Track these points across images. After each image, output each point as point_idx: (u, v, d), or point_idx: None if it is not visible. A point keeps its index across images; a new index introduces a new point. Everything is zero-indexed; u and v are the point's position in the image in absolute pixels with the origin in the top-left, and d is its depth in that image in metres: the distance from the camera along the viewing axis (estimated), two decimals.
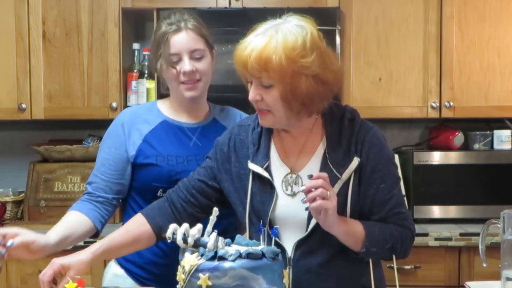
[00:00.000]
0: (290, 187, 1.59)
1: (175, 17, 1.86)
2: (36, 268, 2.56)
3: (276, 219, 1.59)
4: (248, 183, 1.61)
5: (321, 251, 1.56)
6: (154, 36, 1.89)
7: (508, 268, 1.60)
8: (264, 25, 1.54)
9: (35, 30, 2.93)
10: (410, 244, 1.61)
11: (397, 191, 1.59)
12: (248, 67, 1.49)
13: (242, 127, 1.70)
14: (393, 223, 1.58)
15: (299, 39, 1.48)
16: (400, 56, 2.95)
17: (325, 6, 2.88)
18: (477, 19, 2.93)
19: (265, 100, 1.51)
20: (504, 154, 2.95)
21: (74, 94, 2.95)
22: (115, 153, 1.87)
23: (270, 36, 1.48)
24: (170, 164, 1.85)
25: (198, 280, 1.37)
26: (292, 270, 1.57)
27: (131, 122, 1.89)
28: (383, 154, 1.58)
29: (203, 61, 1.86)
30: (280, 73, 1.47)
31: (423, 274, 2.68)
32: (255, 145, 1.63)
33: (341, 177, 1.54)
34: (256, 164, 1.60)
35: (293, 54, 1.46)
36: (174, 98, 1.93)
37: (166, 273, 1.79)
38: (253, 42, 1.49)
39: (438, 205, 2.91)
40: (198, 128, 1.92)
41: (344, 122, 1.59)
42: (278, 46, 1.46)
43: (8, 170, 3.27)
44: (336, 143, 1.57)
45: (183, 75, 1.83)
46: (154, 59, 1.89)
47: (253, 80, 1.52)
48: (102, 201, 1.84)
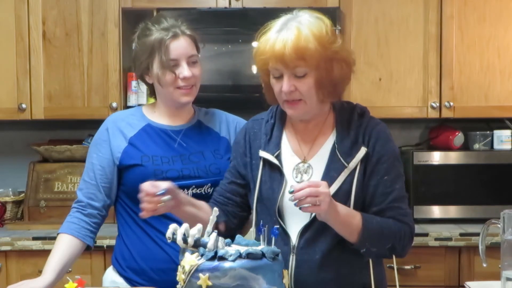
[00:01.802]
0: (300, 175, 1.66)
1: (168, 22, 1.87)
2: (36, 268, 2.56)
3: (284, 207, 1.65)
4: (258, 172, 1.69)
5: (323, 240, 1.60)
6: (144, 41, 1.87)
7: (508, 268, 1.60)
8: (279, 21, 1.61)
9: (35, 30, 2.93)
10: (409, 241, 1.64)
11: (399, 186, 1.65)
12: (286, 59, 1.55)
13: (256, 121, 1.79)
14: (393, 217, 1.61)
15: (323, 28, 1.58)
16: (400, 56, 2.95)
17: (325, 6, 2.88)
18: (477, 19, 2.93)
19: (299, 90, 1.59)
20: (504, 154, 2.95)
21: (74, 94, 2.95)
22: (102, 157, 1.91)
23: (297, 27, 1.56)
24: (155, 164, 1.87)
25: (198, 280, 1.37)
26: (296, 258, 1.61)
27: (115, 126, 1.93)
28: (389, 148, 1.66)
29: (198, 66, 1.90)
30: (316, 60, 1.56)
31: (423, 274, 2.68)
32: (268, 135, 1.72)
33: (348, 166, 1.62)
34: (267, 152, 1.68)
35: (324, 41, 1.56)
36: (163, 102, 1.95)
37: (166, 279, 1.80)
38: (282, 36, 1.56)
39: (438, 205, 2.91)
40: (182, 130, 1.94)
41: (354, 115, 1.68)
42: (309, 35, 1.55)
43: (8, 170, 3.27)
44: (345, 134, 1.65)
45: (182, 80, 1.85)
46: (144, 64, 1.88)
47: (285, 72, 1.58)
48: (91, 213, 1.89)
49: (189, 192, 1.85)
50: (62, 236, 1.86)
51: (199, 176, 1.88)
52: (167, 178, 1.83)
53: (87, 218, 1.88)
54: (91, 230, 1.89)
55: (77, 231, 1.86)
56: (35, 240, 2.68)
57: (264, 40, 1.60)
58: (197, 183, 1.87)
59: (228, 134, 1.99)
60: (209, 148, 1.93)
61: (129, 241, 1.91)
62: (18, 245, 2.68)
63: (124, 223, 1.93)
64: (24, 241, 2.68)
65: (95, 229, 1.90)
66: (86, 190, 1.91)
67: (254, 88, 2.88)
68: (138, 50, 1.90)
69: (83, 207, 1.89)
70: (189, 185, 1.86)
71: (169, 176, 1.83)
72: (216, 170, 1.90)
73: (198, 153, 1.91)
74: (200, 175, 1.88)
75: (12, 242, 2.68)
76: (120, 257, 1.93)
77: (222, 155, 1.94)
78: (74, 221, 1.87)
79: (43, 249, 2.64)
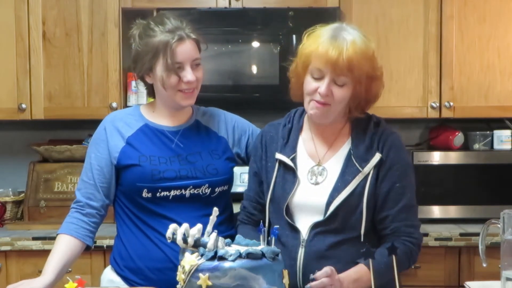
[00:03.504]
0: (315, 177, 1.75)
1: (172, 24, 1.86)
2: (36, 268, 2.56)
3: (294, 204, 1.74)
4: (273, 174, 1.78)
5: (333, 234, 1.70)
6: (147, 42, 1.85)
7: (508, 268, 1.60)
8: (327, 28, 1.71)
9: (35, 30, 2.93)
10: (417, 254, 1.76)
11: (410, 196, 1.74)
12: (337, 66, 1.64)
13: (272, 125, 1.88)
14: (398, 231, 1.71)
15: (371, 48, 1.71)
16: (400, 56, 2.95)
17: (325, 6, 2.88)
18: (477, 19, 2.93)
19: (334, 95, 1.69)
20: (504, 154, 2.95)
21: (74, 94, 2.95)
22: (100, 157, 1.91)
23: (354, 41, 1.66)
24: (153, 164, 1.87)
25: (198, 280, 1.37)
26: (305, 250, 1.70)
27: (113, 126, 1.93)
28: (403, 156, 1.76)
29: (200, 69, 1.90)
30: (361, 76, 1.67)
31: (423, 274, 2.68)
32: (284, 139, 1.81)
33: (362, 171, 1.70)
34: (283, 155, 1.78)
35: (373, 60, 1.71)
36: (162, 102, 1.94)
37: (163, 279, 1.80)
38: (339, 44, 1.65)
39: (438, 205, 2.91)
40: (179, 131, 1.94)
41: (370, 124, 1.77)
42: (364, 51, 1.67)
43: (8, 170, 3.27)
44: (361, 141, 1.74)
45: (185, 83, 1.85)
46: (147, 65, 1.87)
47: (328, 76, 1.67)
48: (90, 212, 1.89)
49: (187, 193, 1.86)
50: (61, 236, 1.86)
51: (196, 176, 1.88)
52: (164, 178, 1.84)
53: (86, 218, 1.89)
54: (90, 230, 1.89)
55: (76, 231, 1.86)
56: (35, 240, 2.68)
57: (314, 41, 1.68)
58: (194, 183, 1.87)
59: (226, 133, 1.99)
60: (207, 149, 1.94)
61: (127, 240, 1.92)
62: (18, 245, 2.68)
63: (122, 222, 1.94)
64: (24, 241, 2.68)
65: (94, 228, 1.91)
66: (85, 190, 1.91)
67: (254, 88, 2.90)
68: (141, 51, 1.87)
69: (81, 207, 1.90)
70: (186, 186, 1.86)
71: (166, 176, 1.84)
72: (213, 170, 1.90)
73: (195, 154, 1.91)
74: (197, 175, 1.88)
75: (12, 242, 2.68)
76: (117, 256, 1.94)
77: (220, 155, 1.94)
78: (73, 221, 1.88)
79: (43, 249, 2.64)
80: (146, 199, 1.86)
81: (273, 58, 2.86)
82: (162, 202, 1.86)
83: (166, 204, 1.86)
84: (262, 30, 2.86)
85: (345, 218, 1.69)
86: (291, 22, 2.79)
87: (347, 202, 1.69)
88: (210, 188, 1.88)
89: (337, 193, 1.69)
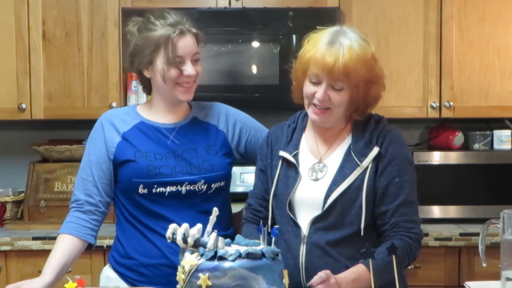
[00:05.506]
0: (315, 173, 1.77)
1: (172, 18, 1.87)
2: (36, 268, 2.56)
3: (296, 200, 1.77)
4: (276, 170, 1.81)
5: (334, 230, 1.71)
6: (147, 35, 1.86)
7: (508, 268, 1.60)
8: (326, 32, 1.72)
9: (35, 30, 2.93)
10: (417, 250, 1.76)
11: (410, 191, 1.74)
12: (333, 72, 1.66)
13: (278, 126, 1.92)
14: (397, 226, 1.71)
15: (369, 52, 1.71)
16: (400, 56, 2.95)
17: (325, 6, 2.88)
18: (477, 19, 2.93)
19: (332, 100, 1.71)
20: (504, 154, 2.94)
21: (74, 94, 2.95)
22: (98, 153, 1.91)
23: (350, 47, 1.67)
24: (149, 159, 1.87)
25: (198, 280, 1.37)
26: (306, 246, 1.72)
27: (109, 122, 1.95)
28: (402, 151, 1.76)
29: (199, 64, 1.92)
30: (358, 80, 1.68)
31: (423, 274, 2.68)
32: (288, 137, 1.85)
33: (360, 164, 1.72)
34: (286, 152, 1.81)
35: (370, 65, 1.70)
36: (160, 97, 1.94)
37: (158, 274, 1.81)
38: (335, 50, 1.66)
39: (438, 205, 2.91)
40: (175, 128, 1.95)
41: (371, 121, 1.79)
42: (360, 57, 1.67)
43: (8, 170, 3.27)
44: (361, 137, 1.76)
45: (185, 77, 1.86)
46: (147, 58, 1.87)
47: (325, 81, 1.69)
48: (89, 210, 1.89)
49: (183, 189, 1.86)
50: (61, 236, 1.86)
51: (191, 172, 1.88)
52: (160, 173, 1.84)
53: (85, 215, 1.88)
54: (91, 227, 1.88)
55: (76, 230, 1.86)
56: (35, 240, 2.68)
57: (313, 47, 1.70)
58: (190, 179, 1.87)
59: (226, 127, 1.99)
60: (203, 145, 1.93)
61: (123, 236, 1.92)
62: (18, 245, 2.68)
63: (120, 221, 1.94)
64: (24, 241, 2.68)
65: (95, 226, 1.90)
66: (83, 187, 1.91)
67: (254, 88, 2.90)
68: (141, 44, 1.88)
69: (80, 205, 1.89)
70: (182, 182, 1.86)
71: (162, 172, 1.84)
72: (209, 166, 1.90)
73: (191, 150, 1.91)
74: (192, 172, 1.88)
75: (12, 242, 2.68)
76: (115, 253, 1.95)
77: (217, 151, 1.94)
78: (73, 220, 1.88)
79: (43, 249, 2.64)
80: (142, 195, 1.86)
81: (273, 58, 2.86)
82: (158, 199, 1.86)
83: (163, 201, 1.86)
84: (262, 30, 2.86)
85: (343, 212, 1.70)
86: (291, 22, 2.79)
87: (345, 196, 1.70)
88: (206, 185, 1.88)
89: (335, 187, 1.71)
